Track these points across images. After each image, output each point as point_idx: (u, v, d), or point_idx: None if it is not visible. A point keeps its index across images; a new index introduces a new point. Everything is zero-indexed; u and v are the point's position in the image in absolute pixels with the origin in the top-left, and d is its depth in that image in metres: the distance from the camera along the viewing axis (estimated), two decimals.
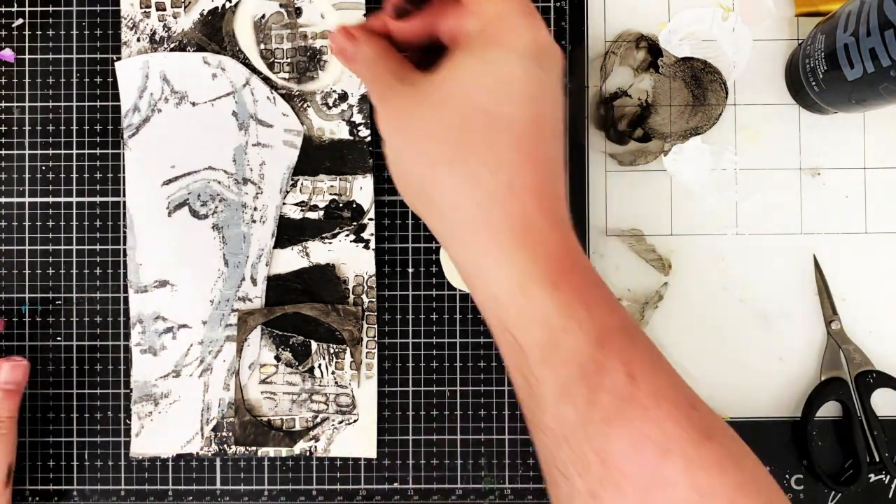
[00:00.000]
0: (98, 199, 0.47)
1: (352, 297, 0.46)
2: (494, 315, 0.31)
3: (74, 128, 0.47)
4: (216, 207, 0.46)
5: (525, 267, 0.30)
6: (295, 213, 0.46)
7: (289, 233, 0.46)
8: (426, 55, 0.35)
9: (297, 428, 0.46)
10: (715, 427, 0.28)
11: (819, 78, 0.43)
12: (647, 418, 0.28)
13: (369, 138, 0.46)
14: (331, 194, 0.46)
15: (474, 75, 0.31)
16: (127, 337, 0.46)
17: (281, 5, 0.46)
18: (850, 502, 0.46)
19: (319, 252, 0.46)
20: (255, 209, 0.46)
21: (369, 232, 0.46)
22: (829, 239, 0.48)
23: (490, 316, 0.31)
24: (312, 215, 0.46)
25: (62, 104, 0.47)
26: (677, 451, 0.27)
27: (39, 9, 0.47)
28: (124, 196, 0.46)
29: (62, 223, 0.47)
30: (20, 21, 0.47)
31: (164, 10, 0.46)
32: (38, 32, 0.47)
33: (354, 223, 0.46)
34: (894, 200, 0.47)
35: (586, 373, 0.28)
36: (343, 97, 0.46)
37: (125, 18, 0.46)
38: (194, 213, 0.46)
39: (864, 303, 0.47)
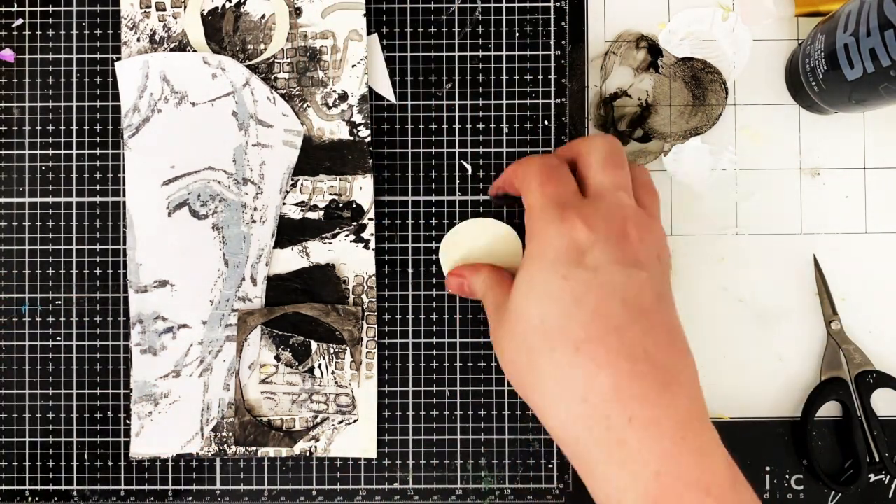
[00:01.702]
0: (98, 199, 0.47)
1: (352, 297, 0.46)
2: None
3: (74, 128, 0.47)
4: (216, 207, 0.46)
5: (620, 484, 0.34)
6: (295, 213, 0.46)
7: (289, 233, 0.46)
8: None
9: (297, 428, 0.46)
10: None
11: (819, 78, 0.43)
12: None
13: (369, 138, 0.46)
14: (331, 194, 0.46)
15: (524, 295, 0.36)
16: (127, 337, 0.46)
17: None
18: (850, 502, 0.47)
19: (319, 252, 0.46)
20: (255, 209, 0.46)
21: (369, 232, 0.46)
22: (829, 239, 0.48)
23: None
24: (312, 215, 0.46)
25: (62, 104, 0.47)
26: None
27: (39, 9, 0.47)
28: (124, 196, 0.46)
29: (62, 223, 0.47)
30: (20, 21, 0.47)
31: (164, 10, 0.46)
32: (38, 32, 0.47)
33: (354, 223, 0.46)
34: (894, 200, 0.47)
35: None
36: (343, 97, 0.46)
37: (125, 18, 0.46)
38: (194, 213, 0.46)
39: (864, 303, 0.47)
